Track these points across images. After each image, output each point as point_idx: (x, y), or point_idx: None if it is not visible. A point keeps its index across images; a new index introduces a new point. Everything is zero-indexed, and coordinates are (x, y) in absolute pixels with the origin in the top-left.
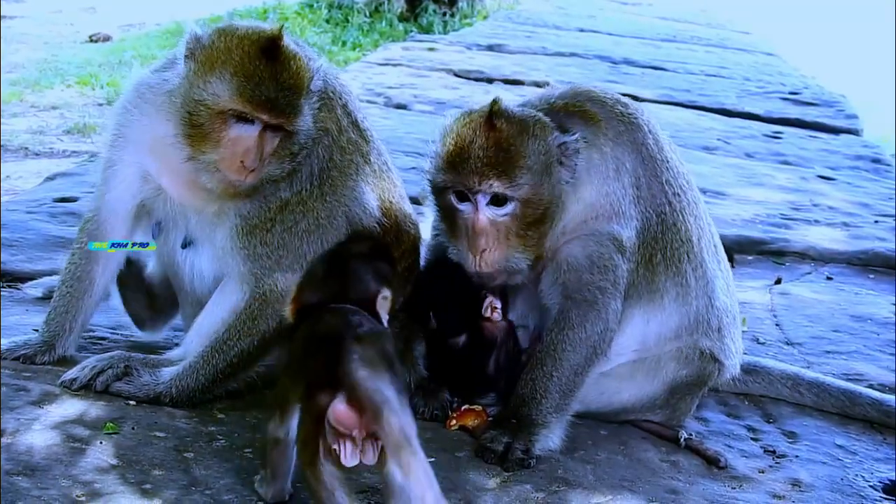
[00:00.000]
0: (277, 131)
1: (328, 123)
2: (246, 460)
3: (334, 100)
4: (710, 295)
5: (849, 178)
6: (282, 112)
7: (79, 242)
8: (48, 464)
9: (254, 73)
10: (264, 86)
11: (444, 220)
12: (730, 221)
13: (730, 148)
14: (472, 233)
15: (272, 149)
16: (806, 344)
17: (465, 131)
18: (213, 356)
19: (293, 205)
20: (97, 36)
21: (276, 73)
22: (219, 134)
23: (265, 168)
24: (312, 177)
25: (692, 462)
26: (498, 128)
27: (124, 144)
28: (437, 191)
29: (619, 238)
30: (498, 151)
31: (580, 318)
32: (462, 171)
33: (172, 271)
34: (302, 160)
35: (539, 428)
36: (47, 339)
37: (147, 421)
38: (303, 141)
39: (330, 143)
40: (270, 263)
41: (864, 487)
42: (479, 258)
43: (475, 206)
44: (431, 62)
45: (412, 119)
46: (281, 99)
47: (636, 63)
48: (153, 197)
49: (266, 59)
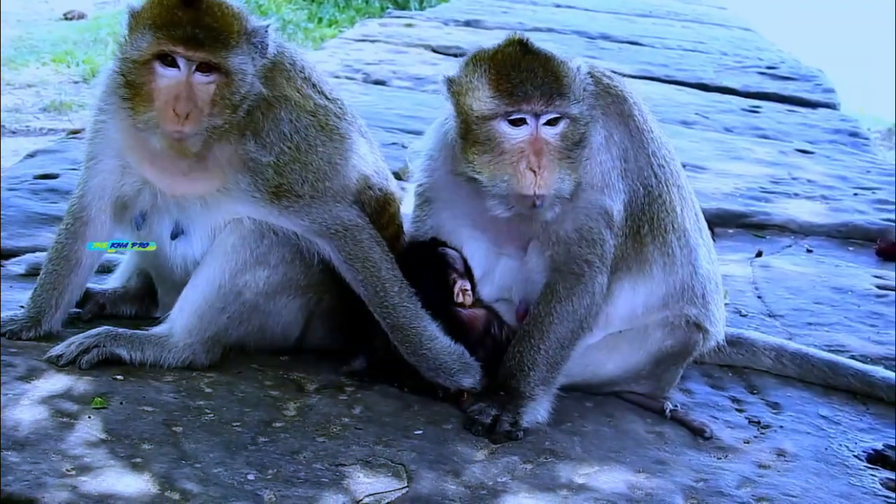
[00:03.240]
0: (208, 72)
1: (287, 90)
2: (235, 434)
3: (292, 70)
4: (694, 263)
5: (827, 151)
6: (200, 45)
7: (65, 223)
8: (37, 438)
9: (172, 15)
10: (182, 23)
11: (485, 153)
12: (710, 195)
13: (708, 122)
14: (531, 155)
15: (208, 96)
16: (788, 316)
17: (506, 59)
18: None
19: (284, 164)
20: (72, 14)
21: (194, 12)
22: (150, 87)
23: (206, 118)
24: (285, 138)
25: (678, 433)
26: (538, 52)
27: (103, 139)
28: (482, 121)
29: (609, 212)
30: (547, 72)
31: (567, 291)
32: (520, 94)
33: (157, 263)
34: (261, 119)
35: (527, 400)
36: (33, 315)
37: (135, 395)
38: (244, 90)
39: (293, 108)
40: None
41: (848, 457)
42: (539, 179)
43: (533, 128)
44: (409, 38)
45: (391, 95)
46: (200, 33)
47: (613, 38)
48: (138, 188)
49: (184, 3)
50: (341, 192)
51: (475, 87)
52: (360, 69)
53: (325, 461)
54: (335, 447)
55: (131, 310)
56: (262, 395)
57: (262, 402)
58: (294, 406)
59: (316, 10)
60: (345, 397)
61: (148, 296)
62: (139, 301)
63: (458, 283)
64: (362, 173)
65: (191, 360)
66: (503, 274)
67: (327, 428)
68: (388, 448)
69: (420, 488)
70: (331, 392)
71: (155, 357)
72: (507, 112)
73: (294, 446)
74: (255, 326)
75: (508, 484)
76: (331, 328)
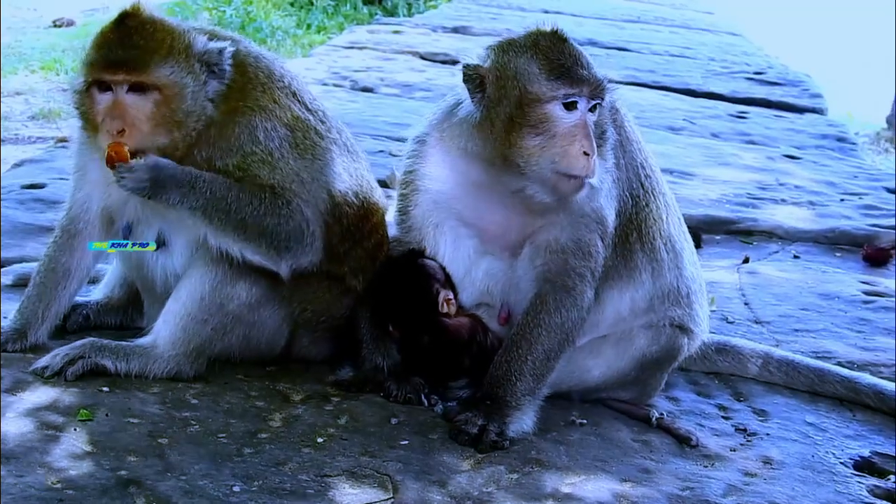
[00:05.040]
0: (142, 92)
1: (262, 101)
2: (220, 445)
3: (269, 82)
4: (680, 266)
5: (814, 157)
6: (124, 65)
7: (54, 236)
8: (23, 451)
9: (102, 41)
10: (109, 46)
11: (536, 136)
12: (697, 201)
13: (695, 128)
14: (583, 139)
15: (145, 114)
16: (774, 322)
17: (556, 45)
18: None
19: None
20: (61, 21)
21: (121, 34)
22: (92, 112)
23: (148, 136)
24: (257, 142)
25: (664, 441)
26: (573, 41)
27: (88, 150)
28: (536, 104)
29: (605, 223)
30: (589, 60)
31: (557, 303)
32: (578, 78)
33: (142, 274)
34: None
35: (513, 410)
36: (19, 328)
37: (120, 407)
38: (186, 106)
39: (269, 117)
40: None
41: (834, 464)
42: (590, 162)
43: (583, 112)
44: (397, 45)
45: (379, 102)
46: (124, 53)
47: (600, 44)
48: (124, 198)
49: (114, 27)
50: (309, 200)
51: (527, 72)
52: (348, 76)
53: (311, 472)
54: (321, 458)
55: (116, 320)
56: (247, 406)
57: (248, 413)
58: (280, 417)
59: (304, 16)
60: (330, 407)
61: (133, 306)
62: (124, 311)
63: (441, 293)
64: (335, 190)
65: (176, 371)
66: (486, 276)
67: (313, 438)
68: (373, 458)
69: (405, 499)
70: (316, 402)
71: (140, 368)
72: (566, 94)
73: (279, 457)
74: (240, 337)
75: (494, 494)
76: (316, 338)
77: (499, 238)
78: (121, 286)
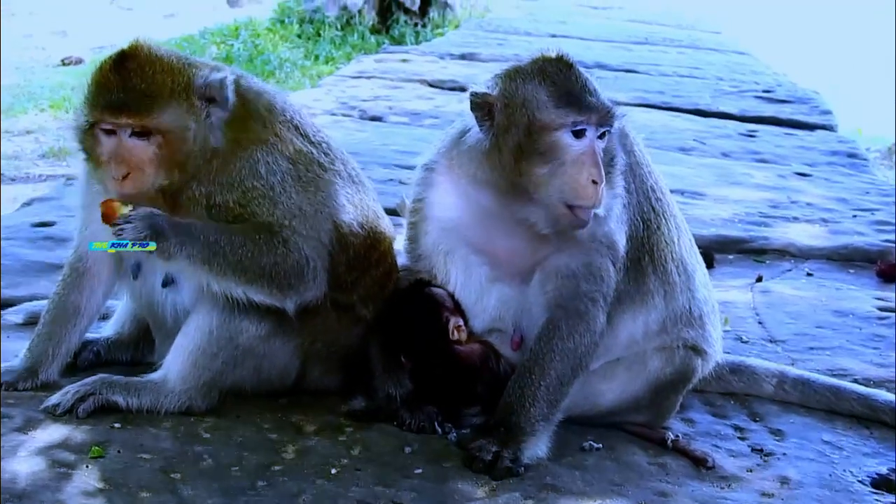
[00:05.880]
0: (144, 136)
1: (264, 135)
2: (233, 479)
3: (270, 116)
4: (692, 288)
5: (825, 173)
6: (126, 111)
7: (63, 275)
8: (35, 490)
9: (103, 82)
10: (110, 90)
11: (544, 165)
12: (709, 221)
13: (706, 148)
14: (591, 167)
15: (148, 157)
16: (789, 341)
17: (562, 71)
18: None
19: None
20: (69, 59)
21: (122, 76)
22: (96, 151)
23: (150, 178)
24: (259, 176)
25: (680, 463)
26: (579, 66)
27: (92, 187)
28: (545, 132)
29: (616, 247)
30: (596, 87)
31: (570, 329)
32: (587, 105)
33: (152, 311)
34: (234, 163)
35: (527, 436)
36: (29, 366)
37: (132, 443)
38: (188, 147)
39: (271, 151)
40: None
41: (852, 482)
42: (598, 191)
43: (592, 140)
44: (405, 73)
45: (387, 131)
46: (126, 99)
47: (609, 67)
48: None
49: (113, 68)
50: (310, 234)
51: (535, 100)
52: (356, 105)
53: (325, 503)
54: (334, 489)
55: (127, 356)
56: (260, 439)
57: (261, 446)
58: (293, 448)
59: (312, 47)
60: (343, 438)
61: (143, 341)
62: (135, 347)
63: (451, 321)
64: (339, 221)
65: (188, 406)
66: (498, 302)
67: (326, 470)
68: (387, 488)
69: None
70: (329, 433)
71: (152, 403)
72: (575, 122)
73: (293, 489)
74: (251, 370)
75: None
76: (327, 369)
77: (509, 264)
78: (131, 322)
